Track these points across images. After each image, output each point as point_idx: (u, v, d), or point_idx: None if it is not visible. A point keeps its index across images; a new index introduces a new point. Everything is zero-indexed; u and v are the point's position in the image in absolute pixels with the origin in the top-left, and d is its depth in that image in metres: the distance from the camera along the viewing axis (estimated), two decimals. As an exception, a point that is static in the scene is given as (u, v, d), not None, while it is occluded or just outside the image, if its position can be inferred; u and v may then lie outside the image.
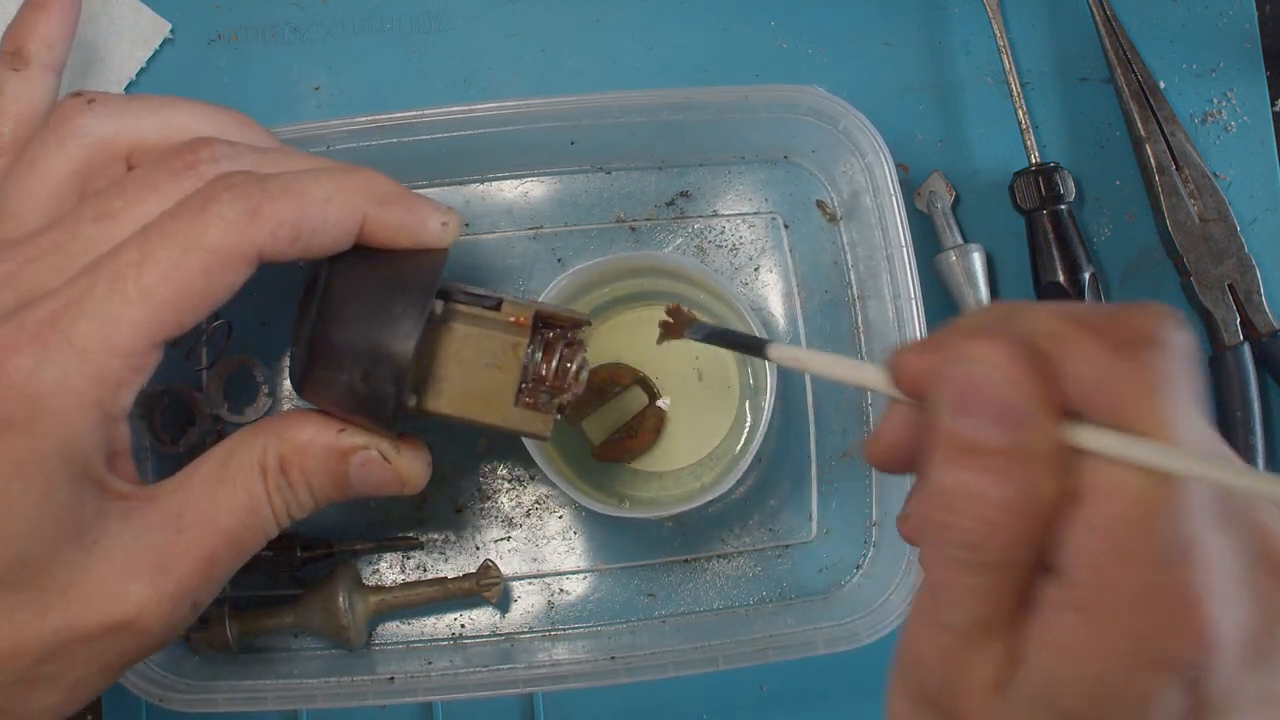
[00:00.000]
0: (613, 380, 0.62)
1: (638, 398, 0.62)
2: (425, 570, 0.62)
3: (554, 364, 0.48)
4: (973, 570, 0.32)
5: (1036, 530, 0.31)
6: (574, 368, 0.49)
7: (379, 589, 0.61)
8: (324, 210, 0.42)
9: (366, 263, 0.44)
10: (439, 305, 0.46)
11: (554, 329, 0.49)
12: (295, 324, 0.47)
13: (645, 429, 0.62)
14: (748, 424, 0.62)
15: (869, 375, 0.38)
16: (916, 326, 0.58)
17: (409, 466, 0.47)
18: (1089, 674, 0.31)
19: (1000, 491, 0.31)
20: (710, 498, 0.58)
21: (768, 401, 0.59)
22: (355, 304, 0.43)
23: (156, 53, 0.64)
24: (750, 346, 0.46)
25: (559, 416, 0.49)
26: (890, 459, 0.38)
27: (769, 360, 0.44)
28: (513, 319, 0.47)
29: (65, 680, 0.41)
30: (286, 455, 0.45)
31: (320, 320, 0.43)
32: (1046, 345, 0.32)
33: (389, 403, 0.44)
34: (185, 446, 0.59)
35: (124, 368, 0.39)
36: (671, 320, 0.50)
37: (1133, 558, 0.30)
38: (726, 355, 0.63)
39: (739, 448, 0.62)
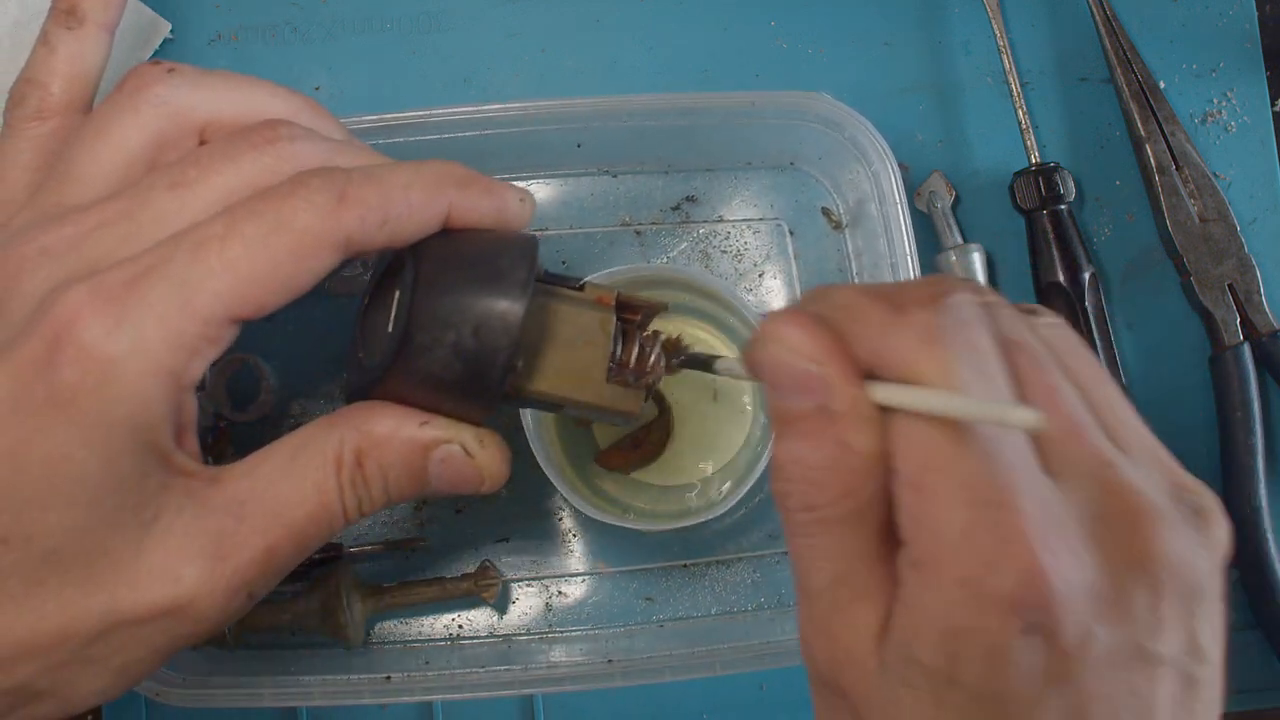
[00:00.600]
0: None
1: (647, 409, 0.62)
2: (425, 570, 0.62)
3: (635, 349, 0.48)
4: (814, 530, 0.34)
5: (860, 484, 0.34)
6: (653, 352, 0.48)
7: (378, 588, 0.61)
8: (408, 196, 0.41)
9: (456, 239, 0.43)
10: (540, 269, 0.45)
11: (632, 315, 0.48)
12: (363, 313, 0.45)
13: (650, 441, 0.62)
14: (756, 449, 0.62)
15: (734, 365, 0.43)
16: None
17: (490, 462, 0.45)
18: (937, 624, 0.32)
19: (814, 451, 0.34)
20: (708, 518, 0.58)
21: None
22: (457, 269, 0.42)
23: (156, 53, 0.64)
24: (704, 364, 0.47)
25: (647, 397, 0.48)
26: None
27: (719, 374, 0.46)
28: (595, 298, 0.47)
29: (113, 663, 0.40)
30: (364, 448, 0.43)
31: (419, 290, 0.42)
32: (840, 316, 0.34)
33: (499, 361, 0.42)
34: (186, 443, 0.59)
35: (200, 336, 0.38)
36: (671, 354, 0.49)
37: (945, 502, 0.31)
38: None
39: (744, 471, 0.61)
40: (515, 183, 0.62)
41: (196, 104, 0.44)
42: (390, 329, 0.43)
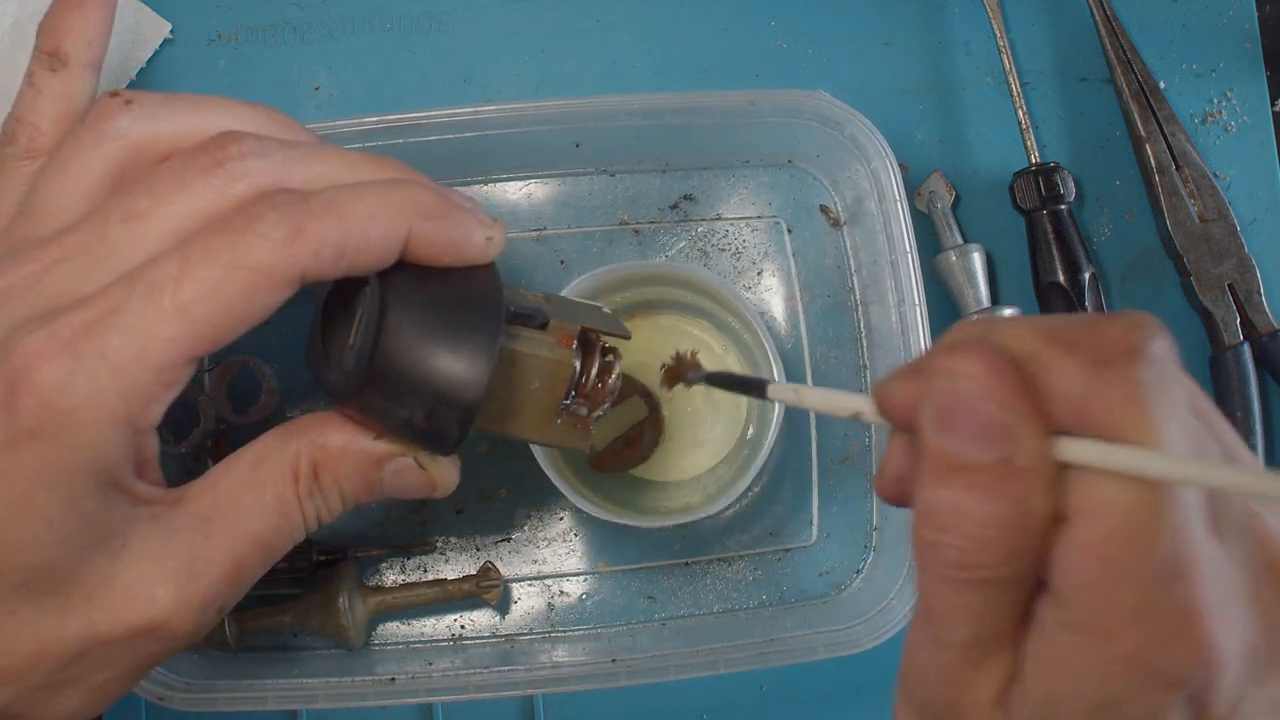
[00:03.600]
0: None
1: (638, 408, 0.62)
2: (426, 571, 0.62)
3: (592, 376, 0.48)
4: (966, 588, 0.31)
5: (1030, 547, 0.31)
6: (610, 380, 0.48)
7: (379, 589, 0.61)
8: (367, 229, 0.41)
9: (420, 282, 0.43)
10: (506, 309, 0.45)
11: (592, 338, 0.49)
12: (320, 326, 0.45)
13: (642, 440, 0.62)
14: (752, 442, 0.62)
15: (858, 405, 0.37)
16: (920, 332, 0.58)
17: (441, 473, 0.46)
18: (1090, 694, 0.30)
19: (988, 508, 0.30)
20: (709, 513, 0.58)
21: (774, 426, 0.58)
22: (418, 336, 0.41)
23: (156, 53, 0.64)
24: (750, 387, 0.44)
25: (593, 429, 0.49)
26: (899, 491, 0.37)
27: (769, 399, 0.43)
28: (558, 338, 0.47)
29: (89, 683, 0.41)
30: (320, 461, 0.44)
31: (379, 350, 0.41)
32: (1026, 364, 0.31)
33: (450, 440, 0.43)
34: (189, 447, 0.59)
35: (155, 382, 0.39)
36: (675, 365, 0.48)
37: (1128, 576, 0.29)
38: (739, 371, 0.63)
39: (742, 465, 0.61)
40: (512, 183, 0.63)
41: (158, 133, 0.45)
42: (350, 363, 0.43)
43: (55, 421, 0.37)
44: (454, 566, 0.62)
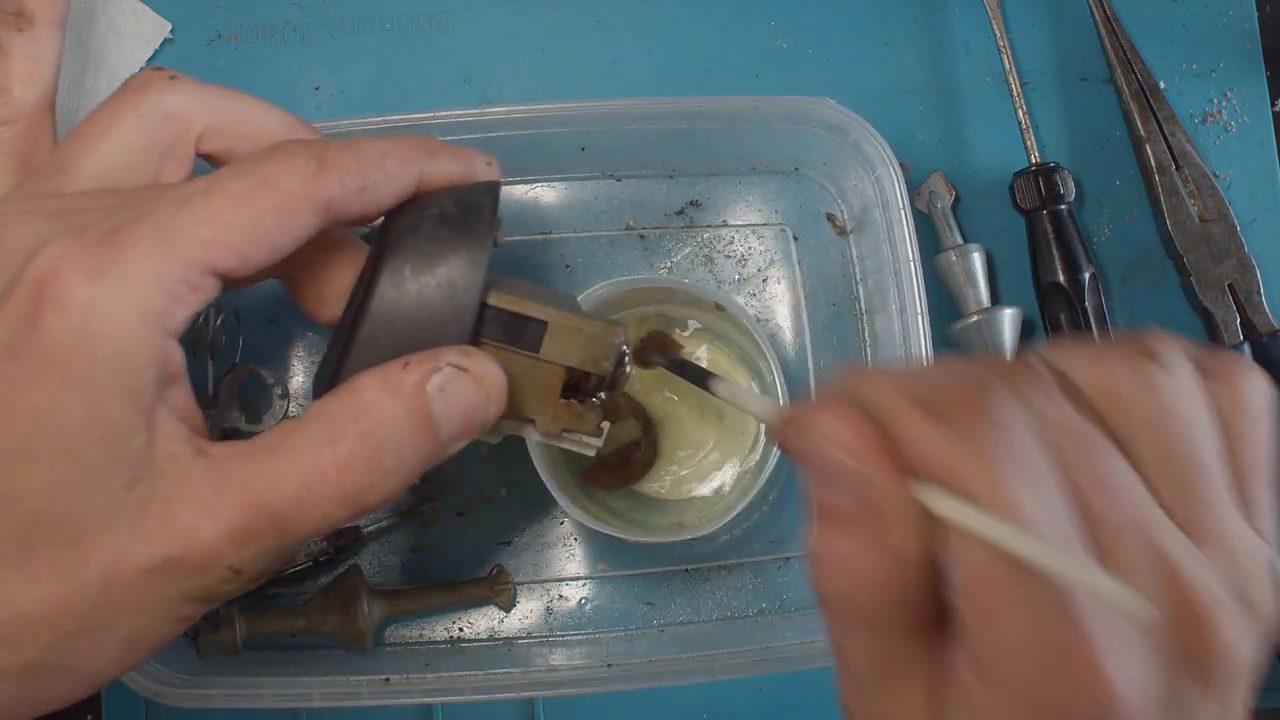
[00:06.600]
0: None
1: (631, 426, 0.62)
2: (428, 574, 0.62)
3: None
4: (860, 631, 0.33)
5: (913, 588, 0.32)
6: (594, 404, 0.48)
7: (393, 593, 0.60)
8: (383, 163, 0.43)
9: (421, 197, 0.45)
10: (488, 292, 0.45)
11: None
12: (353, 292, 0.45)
13: (635, 459, 0.62)
14: (757, 468, 0.61)
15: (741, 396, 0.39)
16: (922, 342, 0.58)
17: (485, 369, 0.43)
18: None
19: (866, 556, 0.32)
20: (704, 533, 0.58)
21: (776, 450, 0.59)
22: (420, 213, 0.44)
23: (156, 53, 0.64)
24: (699, 379, 0.45)
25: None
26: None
27: (711, 392, 0.44)
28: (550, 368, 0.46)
29: (120, 631, 0.39)
30: (360, 418, 0.40)
31: (388, 244, 0.43)
32: (884, 420, 0.32)
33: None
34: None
35: (182, 280, 0.38)
36: (646, 342, 0.48)
37: (1009, 621, 0.30)
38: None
39: (742, 490, 0.61)
40: (518, 186, 0.63)
41: (196, 110, 0.45)
42: (357, 299, 0.43)
43: (80, 317, 0.37)
44: (455, 570, 0.62)
